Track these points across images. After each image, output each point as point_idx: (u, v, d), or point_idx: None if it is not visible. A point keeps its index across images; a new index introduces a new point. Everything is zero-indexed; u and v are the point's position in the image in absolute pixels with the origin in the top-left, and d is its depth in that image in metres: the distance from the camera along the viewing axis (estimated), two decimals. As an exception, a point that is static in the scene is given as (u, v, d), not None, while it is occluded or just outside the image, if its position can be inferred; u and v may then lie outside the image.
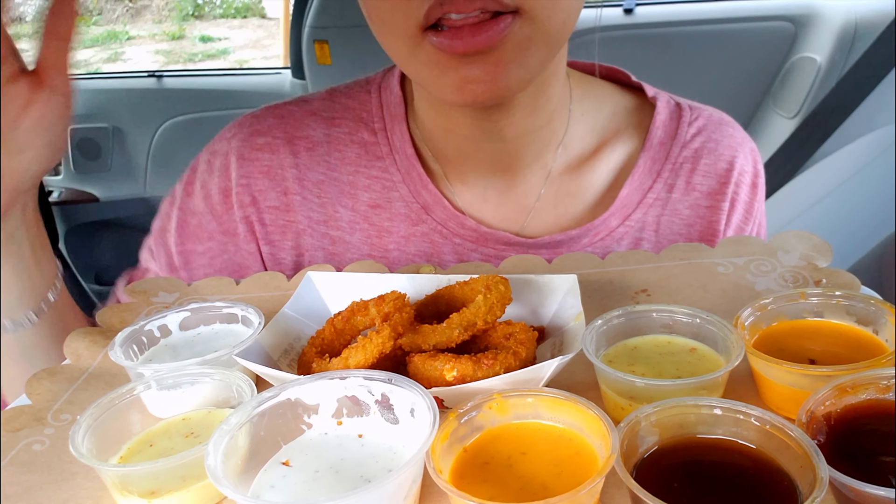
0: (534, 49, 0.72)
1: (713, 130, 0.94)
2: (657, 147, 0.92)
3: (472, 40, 0.69)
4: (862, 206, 1.84)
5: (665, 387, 0.55)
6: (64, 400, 0.67)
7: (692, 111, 0.95)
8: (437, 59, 0.72)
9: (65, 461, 0.60)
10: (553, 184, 0.91)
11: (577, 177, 0.92)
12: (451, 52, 0.70)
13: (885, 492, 0.43)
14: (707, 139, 0.93)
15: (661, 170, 0.92)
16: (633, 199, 0.91)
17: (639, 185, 0.91)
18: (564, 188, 0.91)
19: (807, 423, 0.49)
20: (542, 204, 0.91)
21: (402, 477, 0.47)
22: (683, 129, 0.93)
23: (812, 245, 0.81)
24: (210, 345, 0.71)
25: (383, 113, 0.92)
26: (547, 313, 0.70)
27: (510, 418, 0.54)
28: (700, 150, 0.93)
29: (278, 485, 0.52)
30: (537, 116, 0.86)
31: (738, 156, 0.93)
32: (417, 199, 0.90)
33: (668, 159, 0.92)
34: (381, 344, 0.59)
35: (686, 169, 0.92)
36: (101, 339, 0.75)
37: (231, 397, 0.61)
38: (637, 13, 2.46)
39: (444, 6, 0.68)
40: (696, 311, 0.63)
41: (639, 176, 0.91)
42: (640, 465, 0.49)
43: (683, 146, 0.92)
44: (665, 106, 0.94)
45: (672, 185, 0.92)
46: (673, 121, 0.94)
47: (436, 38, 0.70)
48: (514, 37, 0.70)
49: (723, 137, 0.94)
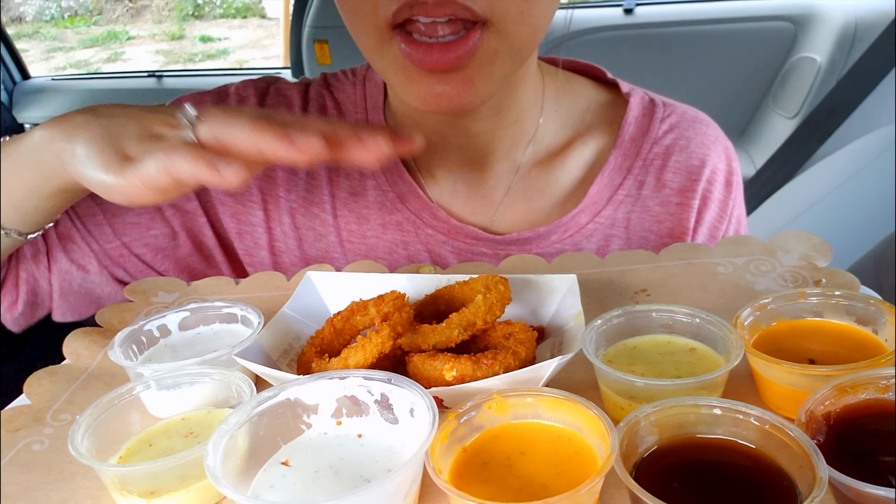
0: (500, 62, 0.73)
1: (686, 128, 0.94)
2: (628, 143, 0.92)
3: (441, 58, 0.70)
4: (862, 206, 1.84)
5: (665, 387, 0.55)
6: (63, 400, 0.67)
7: (665, 108, 0.94)
8: (404, 64, 0.73)
9: (64, 461, 0.60)
10: (522, 179, 0.91)
11: (547, 172, 0.92)
12: (419, 66, 0.71)
13: (884, 492, 0.43)
14: (679, 136, 0.93)
15: (631, 166, 0.91)
16: (603, 196, 0.91)
17: (609, 182, 0.91)
18: (533, 184, 0.92)
19: (806, 423, 0.49)
20: (511, 199, 0.91)
21: (402, 477, 0.47)
22: (655, 126, 0.92)
23: (812, 245, 0.81)
24: (209, 345, 0.71)
25: (366, 104, 0.93)
26: (546, 313, 0.70)
27: (510, 418, 0.54)
28: (671, 146, 0.92)
29: (278, 485, 0.52)
30: (504, 116, 0.87)
31: (710, 153, 0.93)
32: (393, 188, 0.91)
33: (640, 156, 0.92)
34: (380, 344, 0.59)
35: (656, 165, 0.92)
36: (101, 339, 0.75)
37: (230, 397, 0.61)
38: (637, 13, 2.46)
39: (413, 8, 0.68)
40: (696, 310, 0.63)
41: (609, 172, 0.91)
42: (639, 464, 0.49)
43: (654, 142, 0.92)
44: (638, 102, 0.94)
45: (643, 181, 0.92)
46: (645, 117, 0.93)
47: (405, 47, 0.71)
48: (482, 52, 0.71)
49: (695, 135, 0.93)
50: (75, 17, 7.80)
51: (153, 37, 7.48)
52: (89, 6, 7.89)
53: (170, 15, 7.75)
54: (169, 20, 7.71)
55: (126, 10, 7.83)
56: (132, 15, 7.81)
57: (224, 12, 7.76)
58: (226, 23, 7.64)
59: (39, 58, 7.00)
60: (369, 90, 0.93)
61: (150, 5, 7.80)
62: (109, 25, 7.64)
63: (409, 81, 0.74)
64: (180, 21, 7.67)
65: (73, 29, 7.67)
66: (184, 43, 7.33)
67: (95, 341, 0.75)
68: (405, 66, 0.73)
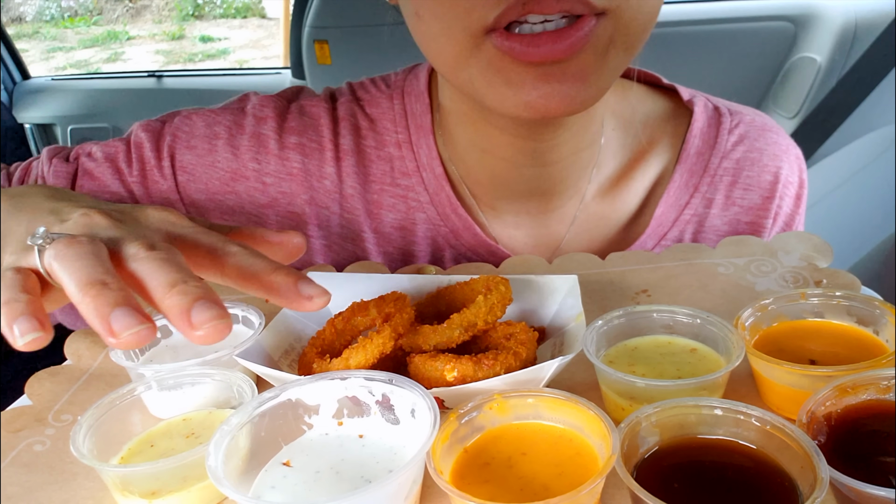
0: (613, 54, 0.64)
1: (756, 138, 0.86)
2: (694, 158, 0.85)
3: (551, 48, 0.60)
4: (862, 206, 1.84)
5: (665, 387, 0.56)
6: (65, 400, 0.67)
7: (732, 116, 0.87)
8: (501, 65, 0.63)
9: (66, 462, 0.60)
10: (587, 208, 0.85)
11: (611, 199, 0.86)
12: (525, 59, 0.61)
13: (885, 492, 0.43)
14: (749, 148, 0.86)
15: (698, 183, 0.85)
16: (668, 217, 0.85)
17: (675, 202, 0.85)
18: (598, 211, 0.85)
19: (807, 424, 0.49)
20: (576, 230, 0.85)
21: (403, 477, 0.47)
22: (723, 138, 0.85)
23: (812, 245, 0.81)
24: (210, 345, 0.71)
25: (408, 123, 0.83)
26: (547, 314, 0.71)
27: (511, 419, 0.54)
28: (742, 160, 0.85)
29: (279, 485, 0.52)
30: (581, 137, 0.79)
31: (782, 166, 0.86)
32: (446, 222, 0.83)
33: (707, 171, 0.85)
34: (381, 344, 0.59)
35: (726, 182, 0.85)
36: (102, 340, 0.75)
37: (232, 398, 0.61)
38: (637, 13, 2.46)
39: (526, 6, 0.59)
40: (697, 311, 0.63)
41: (674, 191, 0.85)
42: (640, 465, 0.49)
43: (724, 157, 0.85)
44: (702, 111, 0.86)
45: (711, 199, 0.85)
46: (711, 128, 0.86)
47: (505, 42, 0.61)
48: (596, 42, 0.62)
49: (766, 146, 0.86)
50: (75, 17, 7.80)
51: (153, 37, 7.48)
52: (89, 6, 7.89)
53: (170, 15, 7.74)
54: (169, 20, 7.71)
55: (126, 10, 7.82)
56: (132, 15, 7.81)
57: (224, 12, 7.75)
58: (226, 23, 7.63)
59: (39, 58, 7.00)
60: (410, 106, 0.83)
61: (150, 5, 7.80)
62: (109, 25, 7.64)
63: (508, 85, 0.64)
64: (180, 21, 7.66)
65: (73, 29, 7.67)
66: (184, 43, 7.33)
67: (97, 342, 0.75)
68: (501, 67, 0.63)
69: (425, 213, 0.84)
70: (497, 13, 0.60)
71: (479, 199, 0.85)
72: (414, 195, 0.84)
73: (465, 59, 0.64)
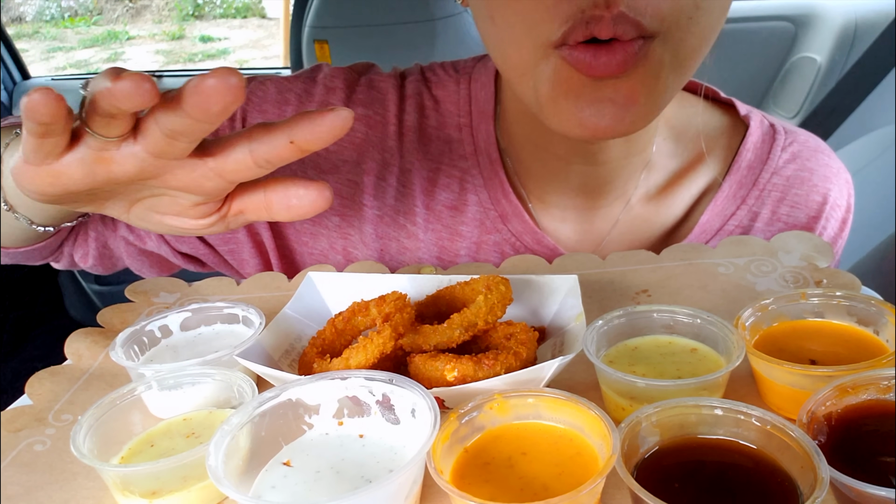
0: (665, 75, 0.65)
1: (808, 157, 0.87)
2: (745, 171, 0.86)
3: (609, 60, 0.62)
4: (862, 206, 1.83)
5: (666, 387, 0.56)
6: (65, 400, 0.67)
7: (787, 135, 0.88)
8: (566, 76, 0.65)
9: (66, 461, 0.60)
10: (632, 210, 0.87)
11: (657, 204, 0.87)
12: (588, 72, 0.63)
13: (885, 492, 0.43)
14: (801, 167, 0.87)
15: (746, 196, 0.86)
16: (713, 226, 0.86)
17: (721, 211, 0.86)
18: (643, 215, 0.87)
19: (807, 424, 0.49)
20: (619, 230, 0.87)
21: (403, 477, 0.47)
22: (776, 154, 0.86)
23: (812, 245, 0.81)
24: (211, 345, 0.71)
25: (471, 108, 0.86)
26: (548, 314, 0.71)
27: (511, 419, 0.54)
28: (792, 178, 0.86)
29: (279, 485, 0.52)
30: (633, 143, 0.81)
31: (832, 189, 0.87)
32: (496, 206, 0.85)
33: (756, 185, 0.86)
34: (381, 344, 0.59)
35: (774, 197, 0.86)
36: (102, 340, 0.75)
37: (232, 397, 0.61)
38: (637, 13, 2.46)
39: (589, 27, 0.61)
40: (697, 311, 0.63)
41: (722, 201, 0.86)
42: (640, 465, 0.49)
43: (774, 172, 0.86)
44: (758, 127, 0.88)
45: (756, 213, 0.86)
46: (765, 143, 0.87)
47: (572, 53, 0.63)
48: (647, 61, 0.63)
49: (818, 167, 0.87)
50: (75, 17, 7.80)
51: (153, 37, 7.48)
52: (89, 6, 7.89)
53: (170, 15, 7.75)
54: (169, 20, 7.71)
55: (126, 10, 7.83)
56: (132, 15, 7.81)
57: (224, 12, 7.76)
58: (226, 23, 7.64)
59: (39, 58, 7.00)
60: (475, 92, 0.85)
61: (150, 5, 7.80)
62: (109, 25, 7.64)
63: (565, 99, 0.65)
64: (180, 21, 7.67)
65: (73, 29, 7.67)
66: (184, 43, 7.33)
67: (97, 342, 0.75)
68: (565, 78, 0.65)
69: (477, 195, 0.86)
70: (564, 29, 0.62)
71: (529, 190, 0.87)
72: (469, 177, 0.86)
73: (532, 68, 0.66)
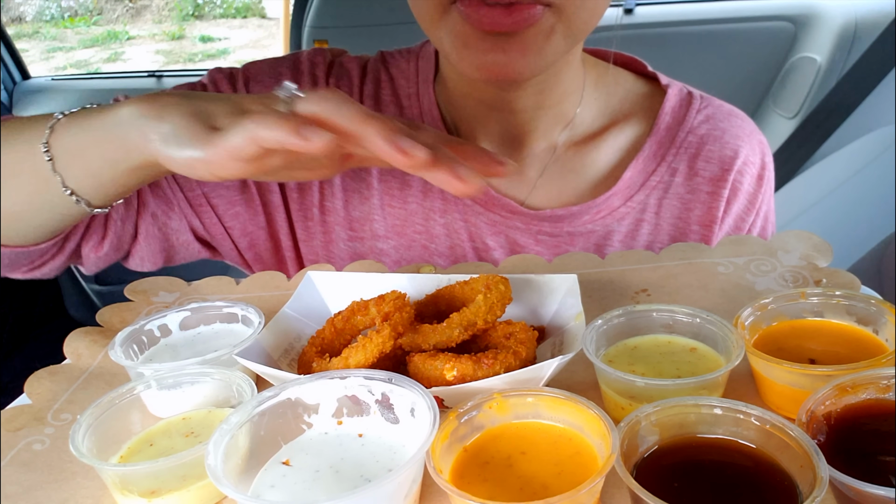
0: (554, 40, 0.75)
1: (721, 119, 0.96)
2: (664, 132, 0.94)
3: (500, 20, 0.72)
4: (862, 206, 1.84)
5: (665, 386, 0.55)
6: (64, 399, 0.67)
7: (703, 100, 0.97)
8: (462, 30, 0.74)
9: (65, 461, 0.60)
10: (558, 159, 0.94)
11: (583, 154, 0.94)
12: (478, 27, 0.73)
13: (885, 491, 0.43)
14: (714, 127, 0.95)
15: (665, 154, 0.94)
16: (636, 181, 0.93)
17: (643, 168, 0.93)
18: (569, 164, 0.94)
19: (807, 423, 0.49)
20: (546, 178, 0.94)
21: (403, 476, 0.47)
22: (692, 115, 0.95)
23: (812, 245, 0.81)
24: (210, 344, 0.71)
25: (418, 79, 0.95)
26: (547, 313, 0.71)
27: (510, 418, 0.54)
28: (706, 136, 0.94)
29: (278, 484, 0.52)
30: (546, 96, 0.89)
31: (743, 145, 0.95)
32: None
33: (674, 144, 0.94)
34: (381, 343, 0.59)
35: (690, 153, 0.94)
36: (102, 339, 0.75)
37: (231, 397, 0.61)
38: (637, 13, 2.46)
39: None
40: (697, 310, 0.63)
41: (644, 159, 0.93)
42: (640, 464, 0.49)
43: (690, 131, 0.95)
44: (676, 94, 0.96)
45: (675, 169, 0.94)
46: (682, 107, 0.96)
47: (464, 9, 0.73)
48: (540, 26, 0.73)
49: (730, 126, 0.96)
50: (75, 17, 7.79)
51: (153, 37, 7.48)
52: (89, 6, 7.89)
53: (170, 15, 7.74)
54: (169, 20, 7.70)
55: (126, 10, 7.82)
56: (132, 15, 7.81)
57: (224, 12, 7.75)
58: (226, 23, 7.63)
59: (39, 58, 7.00)
60: (421, 65, 0.96)
61: (150, 5, 7.80)
62: (109, 25, 7.63)
63: (465, 47, 0.75)
64: (180, 21, 7.66)
65: (73, 29, 7.66)
66: (184, 43, 7.32)
67: (96, 341, 0.75)
68: (463, 32, 0.74)
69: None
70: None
71: (463, 137, 0.95)
72: None
73: (438, 21, 0.77)
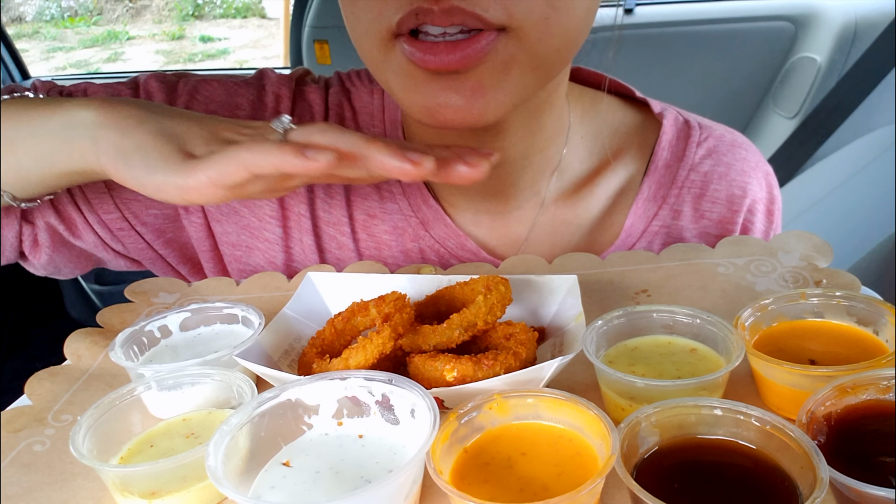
0: (517, 71, 0.65)
1: (724, 153, 0.88)
2: (662, 170, 0.86)
3: (446, 58, 0.63)
4: (862, 206, 1.83)
5: (665, 387, 0.56)
6: (64, 400, 0.67)
7: (702, 130, 0.88)
8: (408, 70, 0.66)
9: (65, 462, 0.60)
10: (547, 211, 0.86)
11: (574, 204, 0.86)
12: (423, 66, 0.64)
13: (885, 492, 0.43)
14: (717, 162, 0.87)
15: (666, 195, 0.86)
16: (637, 229, 0.86)
17: (643, 213, 0.86)
18: (560, 216, 0.86)
19: (807, 424, 0.49)
20: (537, 233, 0.86)
21: (403, 477, 0.47)
22: (692, 151, 0.87)
23: (812, 245, 0.81)
24: (210, 345, 0.71)
25: (384, 117, 0.87)
26: (547, 314, 0.70)
27: (510, 419, 0.54)
28: (710, 173, 0.87)
29: (279, 485, 0.52)
30: (531, 142, 0.81)
31: (751, 182, 0.88)
32: (417, 213, 0.85)
33: (675, 183, 0.86)
34: (381, 344, 0.59)
35: (694, 194, 0.86)
36: (102, 340, 0.75)
37: (231, 398, 0.61)
38: (637, 13, 2.46)
39: (419, 17, 0.62)
40: (697, 311, 0.63)
41: (643, 203, 0.85)
42: (640, 465, 0.49)
43: (692, 169, 0.86)
44: (672, 124, 0.87)
45: (679, 211, 0.86)
46: (680, 140, 0.87)
47: (408, 48, 0.64)
48: (496, 56, 0.64)
49: (734, 161, 0.88)
50: (75, 17, 7.80)
51: (153, 37, 7.48)
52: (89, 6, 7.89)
53: (170, 15, 7.74)
54: (169, 20, 7.71)
55: (126, 10, 7.82)
56: (132, 15, 7.81)
57: (224, 12, 7.75)
58: (226, 23, 7.64)
59: (39, 58, 7.00)
60: (388, 101, 0.87)
61: (150, 5, 7.80)
62: (109, 25, 7.64)
63: (413, 89, 0.66)
64: (180, 21, 7.66)
65: (73, 29, 7.67)
66: (184, 43, 7.33)
67: (96, 342, 0.75)
68: (409, 71, 0.65)
69: (397, 203, 0.86)
70: (397, 19, 0.63)
71: (439, 195, 0.87)
72: (387, 185, 0.86)
73: (382, 61, 0.68)
